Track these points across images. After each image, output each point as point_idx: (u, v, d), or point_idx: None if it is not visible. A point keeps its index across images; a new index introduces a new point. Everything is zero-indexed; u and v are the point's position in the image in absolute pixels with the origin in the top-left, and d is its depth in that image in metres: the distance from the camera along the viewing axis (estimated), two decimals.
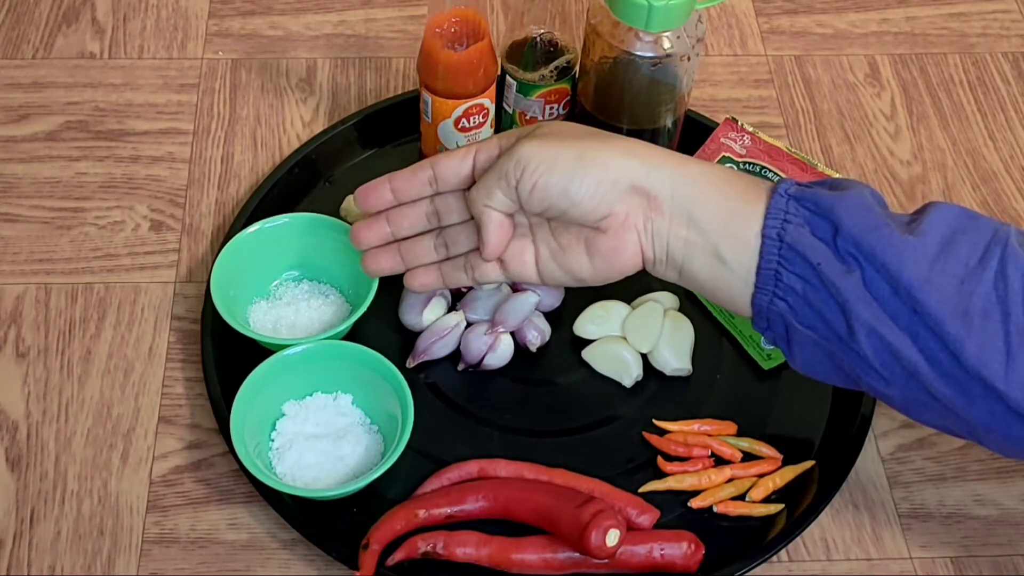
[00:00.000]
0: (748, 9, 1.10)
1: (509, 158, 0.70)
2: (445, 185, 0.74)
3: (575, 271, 0.73)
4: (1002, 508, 0.80)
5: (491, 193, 0.70)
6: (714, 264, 0.69)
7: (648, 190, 0.69)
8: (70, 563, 0.76)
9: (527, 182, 0.69)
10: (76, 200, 0.94)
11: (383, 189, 0.76)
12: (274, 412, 0.79)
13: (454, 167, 0.74)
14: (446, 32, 0.85)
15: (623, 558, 0.73)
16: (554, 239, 0.72)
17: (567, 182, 0.68)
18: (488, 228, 0.72)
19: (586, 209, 0.69)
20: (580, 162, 0.68)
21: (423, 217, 0.76)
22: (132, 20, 1.06)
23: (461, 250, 0.76)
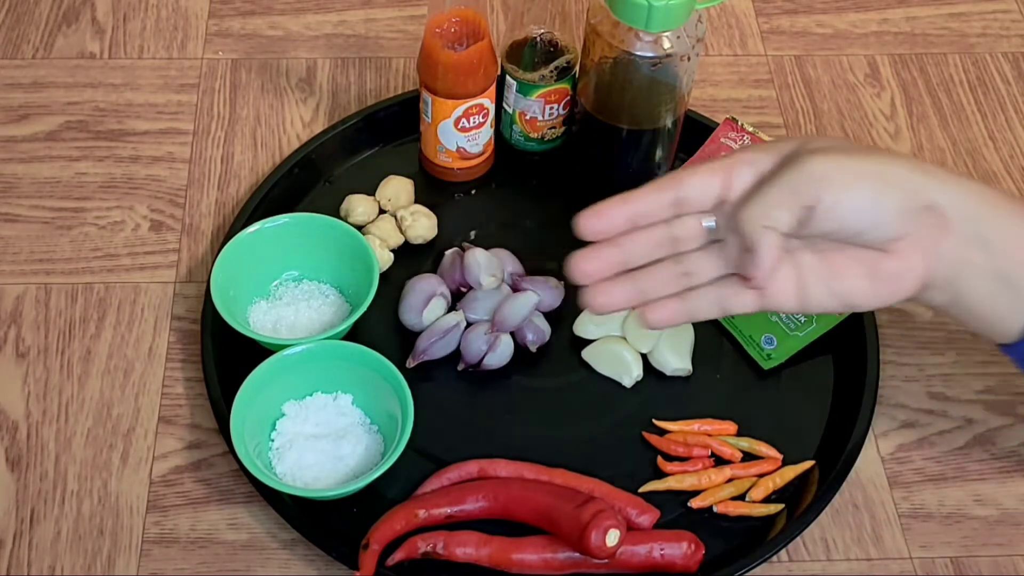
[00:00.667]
0: (748, 9, 1.10)
1: (801, 173, 0.62)
2: (691, 208, 0.66)
3: (848, 296, 0.66)
4: (1002, 508, 0.80)
5: (773, 212, 0.63)
6: (994, 288, 0.65)
7: (942, 208, 0.64)
8: (70, 563, 0.76)
9: (828, 200, 0.62)
10: (76, 200, 0.94)
11: (614, 214, 0.66)
12: (274, 412, 0.79)
13: (703, 187, 0.66)
14: (446, 32, 0.85)
15: (623, 558, 0.73)
16: (822, 264, 0.66)
17: (873, 201, 0.63)
18: (764, 251, 0.63)
19: (884, 231, 0.63)
20: (883, 179, 0.63)
21: (661, 242, 0.67)
22: (132, 20, 1.06)
23: (704, 279, 0.67)
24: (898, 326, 0.89)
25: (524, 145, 0.95)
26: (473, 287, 0.85)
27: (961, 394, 0.86)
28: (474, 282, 0.84)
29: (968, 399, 0.85)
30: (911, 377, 0.86)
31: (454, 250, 0.88)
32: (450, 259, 0.87)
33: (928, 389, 0.86)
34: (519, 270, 0.87)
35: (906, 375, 0.86)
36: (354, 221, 0.88)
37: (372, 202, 0.90)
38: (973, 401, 0.85)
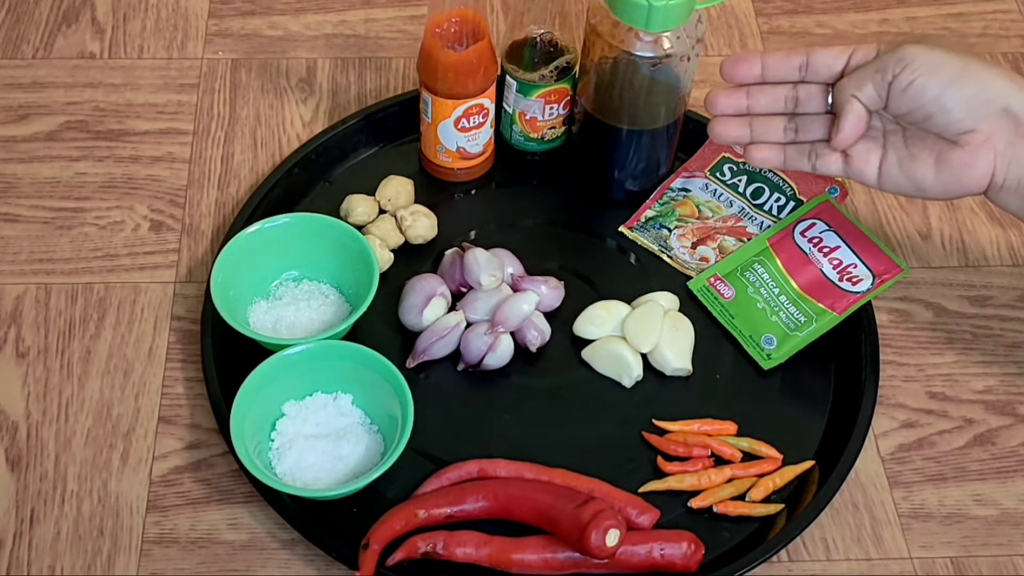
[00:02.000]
0: (748, 9, 1.10)
1: (892, 55, 0.71)
2: (814, 75, 0.76)
3: (918, 180, 0.74)
4: (1002, 508, 0.80)
5: (863, 84, 0.72)
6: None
7: (1020, 115, 0.70)
8: (70, 563, 0.76)
9: (904, 79, 0.71)
10: (76, 200, 0.94)
11: (753, 63, 0.78)
12: (274, 412, 0.79)
13: (828, 60, 0.76)
14: (446, 32, 0.85)
15: (623, 558, 0.73)
16: (905, 146, 0.74)
17: (944, 88, 0.70)
18: (848, 117, 0.73)
19: (953, 119, 0.71)
20: (962, 72, 0.70)
21: (782, 99, 0.78)
22: (132, 20, 1.06)
23: (810, 137, 0.78)
24: (898, 326, 0.89)
25: (524, 145, 0.94)
26: (473, 287, 0.85)
27: (961, 394, 0.86)
28: (474, 282, 0.84)
29: (968, 399, 0.85)
30: (911, 377, 0.86)
31: (454, 250, 0.88)
32: (450, 259, 0.87)
33: (928, 389, 0.86)
34: (519, 270, 0.87)
35: (906, 375, 0.86)
36: (354, 221, 0.88)
37: (372, 202, 0.90)
38: (973, 401, 0.85)
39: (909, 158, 0.74)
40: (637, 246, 0.91)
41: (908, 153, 0.74)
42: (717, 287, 0.88)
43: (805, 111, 0.78)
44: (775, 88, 0.78)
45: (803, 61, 0.77)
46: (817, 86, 0.77)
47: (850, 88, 0.73)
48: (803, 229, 0.89)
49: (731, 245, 0.91)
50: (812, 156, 0.78)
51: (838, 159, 0.77)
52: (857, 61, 0.75)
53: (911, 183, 0.75)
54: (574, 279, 0.88)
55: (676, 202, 0.93)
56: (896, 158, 0.75)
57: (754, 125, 0.79)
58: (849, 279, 0.86)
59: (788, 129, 0.79)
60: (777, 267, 0.87)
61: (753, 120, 0.79)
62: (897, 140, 0.75)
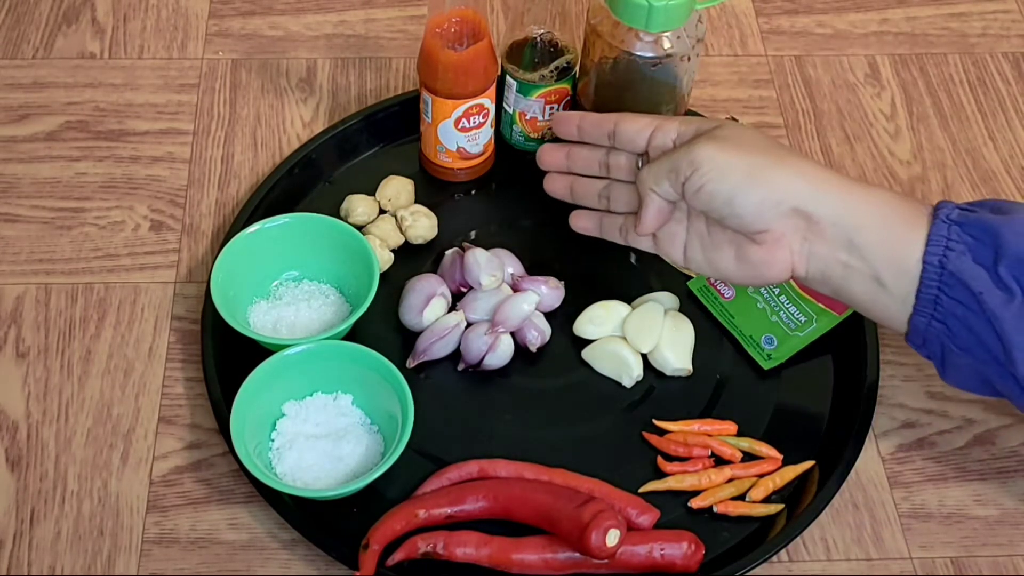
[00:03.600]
0: (748, 9, 1.10)
1: (685, 155, 0.72)
2: (620, 144, 0.78)
3: (720, 268, 0.76)
4: (1002, 508, 0.80)
5: (659, 180, 0.73)
6: (873, 287, 0.71)
7: (811, 214, 0.70)
8: (70, 563, 0.76)
9: (695, 183, 0.71)
10: (76, 200, 0.94)
11: (572, 123, 0.81)
12: (274, 412, 0.79)
13: (632, 134, 0.77)
14: (446, 32, 0.85)
15: (623, 558, 0.73)
16: (708, 234, 0.75)
17: (733, 194, 0.70)
18: (648, 210, 0.75)
19: (746, 222, 0.71)
20: (749, 177, 0.70)
21: (596, 163, 0.80)
22: (132, 20, 1.06)
23: (621, 209, 0.80)
24: None
25: (524, 145, 0.95)
26: (473, 287, 0.85)
27: (961, 394, 0.85)
28: (474, 282, 0.84)
29: (968, 399, 0.85)
30: (911, 377, 0.86)
31: (454, 250, 0.88)
32: (450, 259, 0.87)
33: (928, 389, 0.86)
34: (519, 270, 0.87)
35: (906, 375, 0.86)
36: (354, 221, 0.88)
37: (372, 202, 0.90)
38: (973, 401, 0.85)
39: (712, 247, 0.75)
40: None
41: (711, 242, 0.75)
42: (717, 287, 0.88)
43: (617, 177, 0.80)
44: (592, 151, 0.80)
45: (611, 130, 0.78)
46: (625, 155, 0.79)
47: (648, 182, 0.74)
48: None
49: None
50: (624, 231, 0.80)
51: (648, 240, 0.78)
52: (657, 142, 0.76)
53: (714, 270, 0.76)
54: (574, 279, 0.88)
55: None
56: (699, 245, 0.76)
57: (575, 185, 0.82)
58: None
59: (602, 196, 0.80)
60: None
61: (574, 180, 0.82)
62: (700, 227, 0.75)
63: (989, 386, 0.71)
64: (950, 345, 0.69)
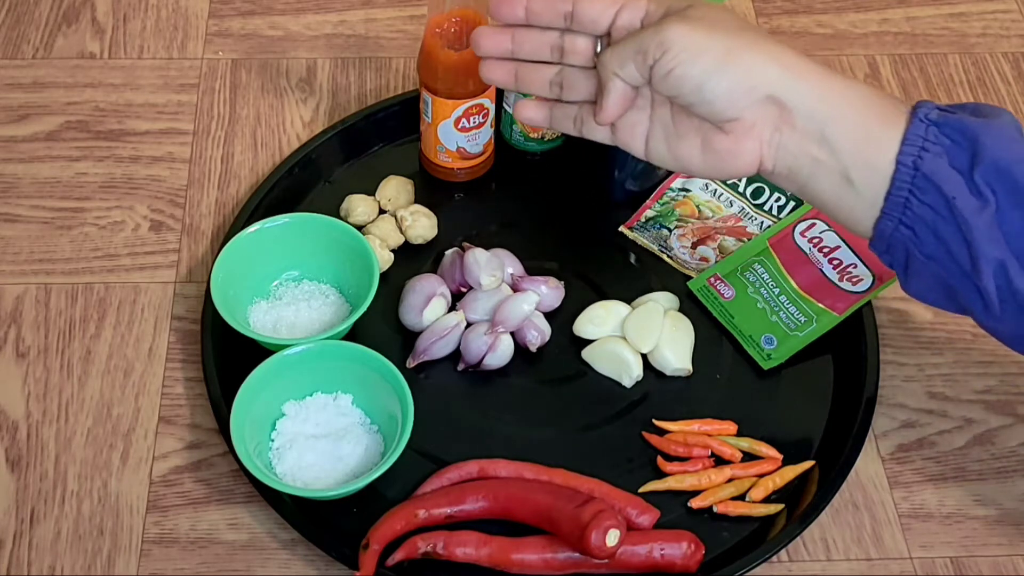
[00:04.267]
0: (748, 9, 1.10)
1: (654, 35, 0.66)
2: (579, 26, 0.70)
3: (683, 160, 0.70)
4: (1002, 508, 0.80)
5: (624, 63, 0.67)
6: (841, 185, 0.67)
7: (785, 103, 0.66)
8: (70, 563, 0.76)
9: (664, 66, 0.66)
10: (76, 200, 0.94)
11: (518, 4, 0.71)
12: (274, 412, 0.79)
13: (594, 13, 0.70)
14: (446, 32, 0.85)
15: (623, 558, 0.73)
16: (672, 123, 0.70)
17: (704, 78, 0.66)
18: (610, 96, 0.69)
19: (716, 108, 0.66)
20: (723, 61, 0.65)
21: (547, 47, 0.72)
22: (132, 20, 1.06)
23: (575, 97, 0.72)
24: (898, 326, 0.89)
25: (524, 145, 0.95)
26: (473, 287, 0.85)
27: (961, 394, 0.85)
28: (474, 282, 0.84)
29: (968, 399, 0.85)
30: (911, 377, 0.86)
31: (454, 250, 0.88)
32: (450, 259, 0.87)
33: (928, 389, 0.86)
34: (519, 270, 0.87)
35: (906, 375, 0.86)
36: (354, 221, 0.88)
37: (372, 202, 0.90)
38: (973, 401, 0.85)
39: (676, 136, 0.70)
40: (637, 246, 0.91)
41: (675, 131, 0.70)
42: (717, 287, 0.88)
43: (571, 63, 0.72)
44: (541, 33, 0.72)
45: (568, 10, 0.70)
46: (583, 38, 0.71)
47: (612, 65, 0.68)
48: (803, 229, 0.89)
49: (731, 245, 0.91)
50: (578, 121, 0.73)
51: (605, 129, 0.72)
52: (624, 22, 0.69)
53: (677, 162, 0.71)
54: (574, 279, 0.88)
55: (676, 202, 0.93)
56: (663, 134, 0.70)
57: (519, 71, 0.73)
58: (849, 279, 0.86)
59: (553, 83, 0.73)
60: (777, 267, 0.87)
61: (519, 66, 0.73)
62: (665, 115, 0.70)
63: (951, 299, 0.68)
64: (915, 252, 0.66)
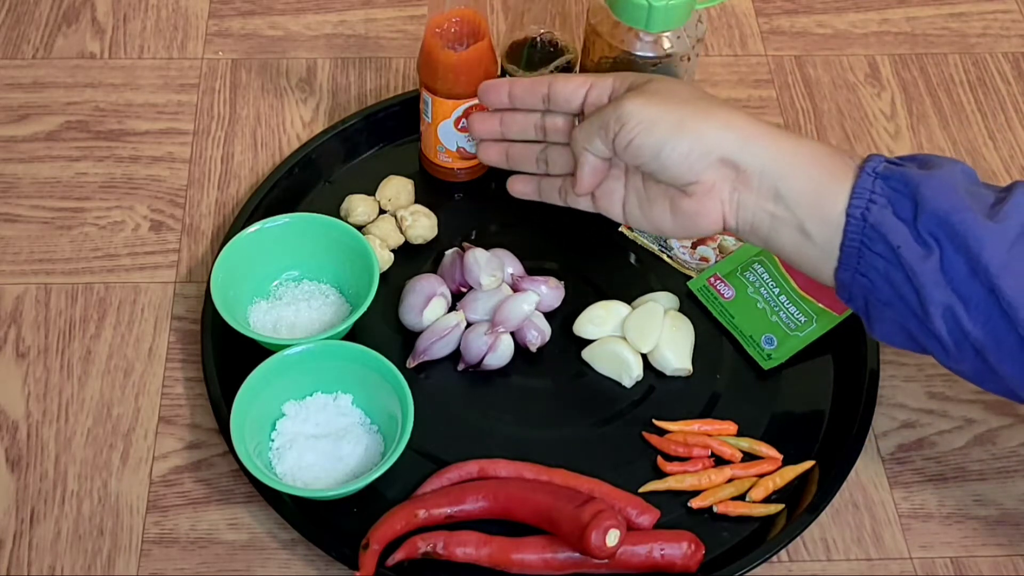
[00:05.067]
0: (748, 9, 1.10)
1: (613, 110, 0.71)
2: (556, 107, 0.77)
3: (657, 223, 0.75)
4: (1002, 508, 0.80)
5: (591, 139, 0.73)
6: (799, 238, 0.71)
7: (738, 164, 0.70)
8: (70, 563, 0.76)
9: (624, 138, 0.71)
10: (76, 200, 0.94)
11: (502, 90, 0.78)
12: (274, 412, 0.79)
13: (567, 94, 0.76)
14: (446, 32, 0.85)
15: (623, 558, 0.73)
16: (644, 190, 0.75)
17: (660, 146, 0.70)
18: (583, 169, 0.74)
19: (675, 174, 0.71)
20: (677, 130, 0.70)
21: (531, 127, 0.78)
22: (132, 20, 1.06)
23: (560, 171, 0.79)
24: None
25: None
26: (473, 287, 0.85)
27: (961, 394, 0.86)
28: (474, 282, 0.84)
29: (968, 399, 0.85)
30: (911, 377, 0.86)
31: (454, 250, 0.88)
32: (450, 259, 0.87)
33: (928, 389, 0.86)
34: (519, 270, 0.87)
35: (906, 375, 0.86)
36: (354, 221, 0.88)
37: (372, 202, 0.90)
38: (973, 401, 0.85)
39: (647, 202, 0.75)
40: (637, 246, 0.91)
41: (646, 196, 0.75)
42: (717, 287, 0.88)
43: (553, 140, 0.78)
44: (525, 116, 0.78)
45: (545, 93, 0.77)
46: (563, 117, 0.77)
47: (581, 140, 0.73)
48: None
49: (731, 245, 0.91)
50: (563, 192, 0.79)
51: (587, 199, 0.78)
52: (593, 99, 0.75)
53: (651, 225, 0.76)
54: (574, 279, 0.88)
55: None
56: (636, 201, 0.75)
57: (510, 151, 0.80)
58: None
59: (540, 160, 0.79)
60: (777, 267, 0.87)
61: (509, 146, 0.80)
62: (637, 183, 0.75)
63: (913, 340, 0.71)
64: (873, 299, 0.70)
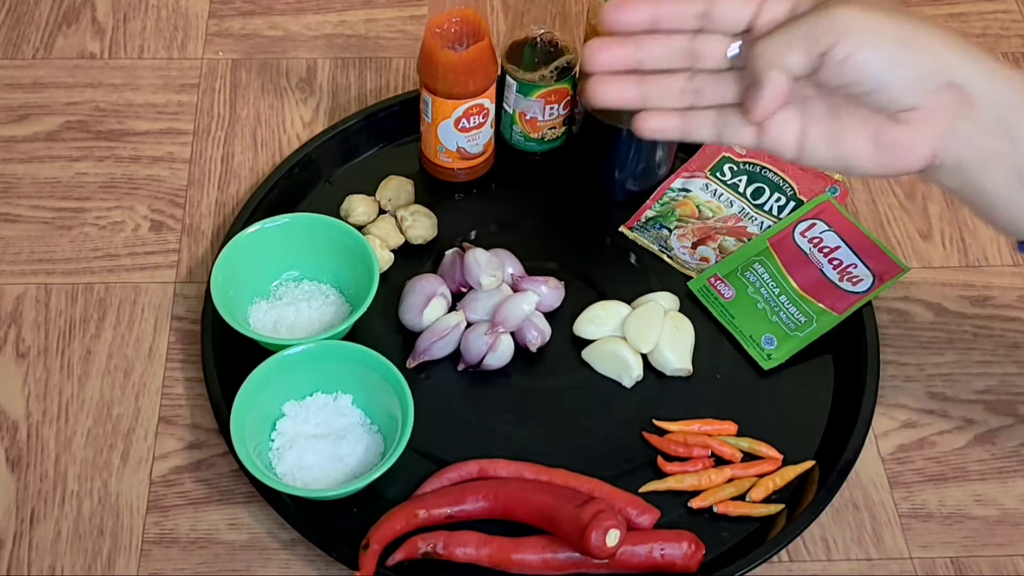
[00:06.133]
0: None
1: (823, 20, 0.60)
2: (716, 25, 0.63)
3: (849, 157, 0.64)
4: (1002, 508, 0.80)
5: (788, 52, 0.60)
6: (1013, 181, 0.62)
7: (966, 89, 0.61)
8: (70, 563, 0.76)
9: (841, 51, 0.60)
10: (76, 200, 0.94)
11: (641, 8, 0.63)
12: (274, 412, 0.79)
13: (733, 9, 0.63)
14: (446, 32, 0.85)
15: (623, 558, 0.73)
16: (833, 118, 0.63)
17: (889, 62, 0.60)
18: (767, 89, 0.61)
19: (895, 96, 0.61)
20: (903, 44, 0.60)
21: (678, 52, 0.64)
22: (132, 20, 1.06)
23: (712, 102, 0.65)
24: (898, 326, 0.89)
25: (524, 145, 0.95)
26: (473, 287, 0.85)
27: (961, 394, 0.85)
28: (474, 282, 0.84)
29: (968, 399, 0.85)
30: (911, 377, 0.86)
31: (454, 250, 0.88)
32: (450, 259, 0.87)
33: (928, 389, 0.86)
34: (519, 270, 0.87)
35: (906, 375, 0.86)
36: (354, 221, 0.88)
37: (372, 202, 0.90)
38: (973, 401, 0.85)
39: (840, 132, 0.63)
40: (637, 246, 0.91)
41: (837, 126, 0.63)
42: (717, 287, 0.88)
43: (705, 67, 0.65)
44: (670, 38, 0.64)
45: (702, 9, 0.63)
46: (719, 37, 0.64)
47: (771, 55, 0.61)
48: (803, 229, 0.89)
49: (731, 245, 0.91)
50: (718, 126, 0.65)
51: (751, 131, 0.65)
52: (770, 15, 0.62)
53: (840, 160, 0.64)
54: (574, 279, 0.88)
55: (676, 202, 0.93)
56: (821, 131, 0.64)
57: (646, 84, 0.65)
58: (849, 279, 0.86)
59: (687, 91, 0.65)
60: (777, 267, 0.87)
61: (644, 78, 0.65)
62: (821, 109, 0.64)
63: None
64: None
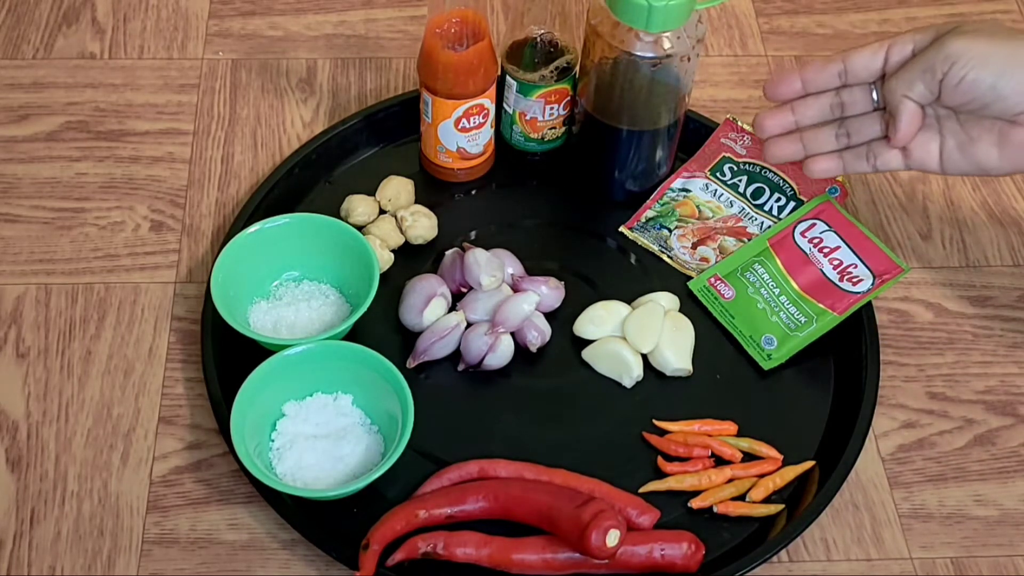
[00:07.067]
0: (748, 9, 1.10)
1: (937, 52, 0.73)
2: (855, 78, 0.79)
3: (982, 162, 0.77)
4: (1002, 508, 0.80)
5: (912, 84, 0.75)
6: None
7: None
8: (70, 563, 0.76)
9: (955, 75, 0.73)
10: (76, 200, 0.94)
11: (793, 81, 0.80)
12: (274, 412, 0.79)
13: (865, 61, 0.78)
14: (446, 32, 0.85)
15: (623, 558, 0.73)
16: (963, 131, 0.77)
17: (997, 78, 0.73)
18: (903, 117, 0.76)
19: (1009, 105, 0.73)
20: (1010, 59, 0.73)
21: (828, 107, 0.80)
22: (132, 20, 1.06)
23: (863, 139, 0.80)
24: (898, 326, 0.89)
25: (524, 145, 0.95)
26: (473, 287, 0.85)
27: (961, 394, 0.86)
28: (474, 282, 0.84)
29: (968, 399, 0.85)
30: (911, 377, 0.86)
31: (454, 250, 0.88)
32: (450, 259, 0.87)
33: (928, 389, 0.86)
34: (519, 270, 0.87)
35: (906, 375, 0.86)
36: (354, 221, 0.88)
37: (372, 202, 0.90)
38: (973, 401, 0.85)
39: (969, 142, 0.76)
40: (637, 246, 0.92)
41: (968, 137, 0.76)
42: (717, 287, 0.88)
43: (852, 114, 0.80)
44: (818, 98, 0.80)
45: (841, 68, 0.78)
46: (860, 87, 0.79)
47: (900, 89, 0.75)
48: (803, 229, 0.89)
49: (731, 245, 0.91)
50: (870, 157, 0.80)
51: (897, 155, 0.79)
52: (897, 58, 0.77)
53: (974, 165, 0.77)
54: (574, 279, 0.88)
55: (676, 202, 0.93)
56: (955, 143, 0.77)
57: (805, 139, 0.81)
58: (849, 279, 0.86)
59: (840, 136, 0.80)
60: (777, 267, 0.87)
61: (803, 134, 0.81)
62: (953, 125, 0.77)
63: None
64: None
